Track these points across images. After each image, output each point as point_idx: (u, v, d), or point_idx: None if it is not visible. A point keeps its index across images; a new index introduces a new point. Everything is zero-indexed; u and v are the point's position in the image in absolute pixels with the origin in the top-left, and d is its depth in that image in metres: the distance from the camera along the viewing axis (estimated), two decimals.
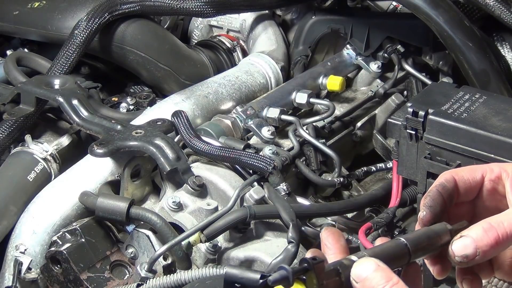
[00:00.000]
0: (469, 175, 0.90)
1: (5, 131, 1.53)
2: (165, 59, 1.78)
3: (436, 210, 0.86)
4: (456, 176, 0.90)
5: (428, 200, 0.87)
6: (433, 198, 0.87)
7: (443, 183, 0.88)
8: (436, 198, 0.87)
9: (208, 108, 1.62)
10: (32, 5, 1.83)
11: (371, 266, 0.78)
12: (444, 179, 0.89)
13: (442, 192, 0.88)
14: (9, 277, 1.34)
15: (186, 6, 1.74)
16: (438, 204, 0.87)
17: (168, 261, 1.23)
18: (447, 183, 0.88)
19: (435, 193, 0.88)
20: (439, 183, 0.89)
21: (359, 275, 0.78)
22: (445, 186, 0.88)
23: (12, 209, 1.42)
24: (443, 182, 0.89)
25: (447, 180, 0.89)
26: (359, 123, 1.76)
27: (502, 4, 1.61)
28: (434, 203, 0.87)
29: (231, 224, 1.24)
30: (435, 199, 0.87)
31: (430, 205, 0.87)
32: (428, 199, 0.87)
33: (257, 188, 1.32)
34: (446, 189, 0.88)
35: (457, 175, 0.90)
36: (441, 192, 0.88)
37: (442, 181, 0.89)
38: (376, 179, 1.70)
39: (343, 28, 1.86)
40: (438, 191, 0.88)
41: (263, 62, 1.81)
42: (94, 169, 1.41)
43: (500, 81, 1.58)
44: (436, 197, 0.87)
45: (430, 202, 0.87)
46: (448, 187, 0.88)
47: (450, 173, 0.90)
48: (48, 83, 1.54)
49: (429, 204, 0.87)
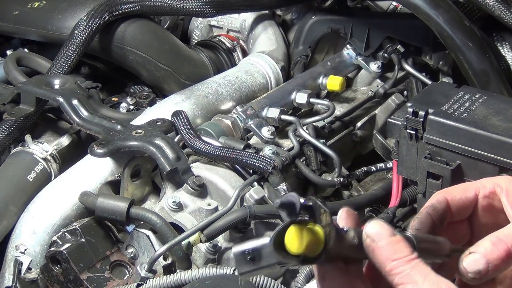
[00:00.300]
0: (461, 194, 0.88)
1: (5, 131, 1.53)
2: (165, 59, 1.78)
3: (424, 233, 0.84)
4: (448, 196, 0.87)
5: (416, 223, 0.85)
6: (422, 221, 0.85)
7: (434, 205, 0.86)
8: (425, 220, 0.85)
9: (208, 108, 1.62)
10: (32, 5, 1.83)
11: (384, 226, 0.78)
12: (436, 200, 0.87)
13: (432, 214, 0.85)
14: (9, 277, 1.34)
15: (186, 6, 1.74)
16: (427, 226, 0.85)
17: (168, 261, 1.23)
18: (438, 204, 0.86)
19: (424, 215, 0.85)
20: (429, 205, 0.87)
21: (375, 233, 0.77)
22: (435, 208, 0.86)
23: (12, 209, 1.42)
24: (434, 203, 0.86)
25: (439, 201, 0.87)
26: (359, 123, 1.76)
27: (502, 4, 1.61)
28: (422, 226, 0.84)
29: (231, 224, 1.24)
30: (423, 221, 0.85)
31: (417, 228, 0.84)
32: (417, 221, 0.85)
33: (257, 188, 1.32)
34: (436, 211, 0.86)
35: (449, 195, 0.87)
36: (430, 214, 0.85)
37: (434, 202, 0.87)
38: (376, 179, 1.69)
39: (343, 28, 1.86)
40: (428, 213, 0.86)
41: (263, 62, 1.81)
42: (94, 169, 1.41)
43: (500, 81, 1.58)
44: (425, 219, 0.85)
45: (418, 225, 0.84)
46: (438, 208, 0.86)
47: (442, 193, 0.88)
48: (48, 83, 1.54)
49: (416, 227, 0.84)
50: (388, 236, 0.78)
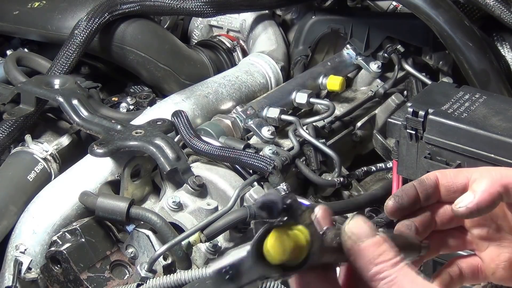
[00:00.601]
0: (453, 176, 0.86)
1: (5, 131, 1.53)
2: (165, 59, 1.78)
3: (402, 201, 0.83)
4: (440, 174, 0.86)
5: (399, 191, 0.84)
6: (404, 189, 0.84)
7: (422, 179, 0.85)
8: (407, 190, 0.84)
9: (208, 108, 1.62)
10: (32, 5, 1.83)
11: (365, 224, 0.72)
12: (425, 176, 0.86)
13: (417, 187, 0.84)
14: (9, 277, 1.34)
15: (186, 6, 1.74)
16: (407, 195, 0.83)
17: (168, 261, 1.24)
18: (426, 179, 0.85)
19: (408, 185, 0.85)
20: (418, 178, 0.86)
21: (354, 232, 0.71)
22: (422, 181, 0.85)
23: (12, 209, 1.42)
24: (422, 178, 0.85)
25: (428, 177, 0.85)
26: (359, 123, 1.76)
27: (502, 4, 1.61)
28: (402, 193, 0.83)
29: (231, 224, 1.24)
30: (406, 190, 0.83)
31: (397, 194, 0.83)
32: (399, 189, 0.84)
33: (257, 188, 1.32)
34: (422, 185, 0.84)
35: (441, 174, 0.86)
36: (415, 186, 0.84)
37: (423, 177, 0.86)
38: (376, 179, 1.69)
39: (343, 28, 1.86)
40: (413, 184, 0.84)
41: (263, 62, 1.81)
42: (94, 169, 1.41)
43: (500, 81, 1.58)
44: (408, 189, 0.84)
45: (399, 192, 0.83)
46: (425, 183, 0.85)
47: (433, 172, 0.87)
48: (48, 83, 1.54)
49: (397, 193, 0.83)
50: (371, 236, 0.70)
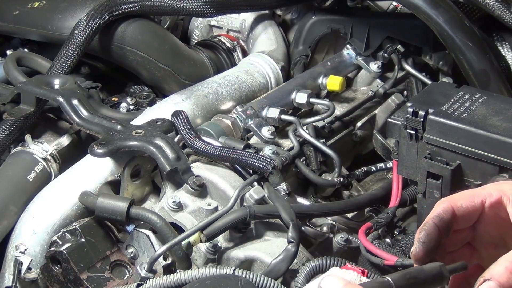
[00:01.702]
0: (468, 203, 0.86)
1: (5, 131, 1.53)
2: (165, 59, 1.78)
3: (430, 246, 0.83)
4: (455, 205, 0.86)
5: (423, 235, 0.83)
6: (428, 233, 0.83)
7: (441, 215, 0.84)
8: (432, 232, 0.83)
9: (208, 108, 1.62)
10: (32, 5, 1.83)
11: (339, 282, 0.76)
12: (442, 209, 0.85)
13: (439, 225, 0.84)
14: (9, 277, 1.34)
15: (186, 6, 1.74)
16: (433, 239, 0.83)
17: (168, 261, 1.23)
18: (444, 214, 0.84)
19: (431, 226, 0.83)
20: (436, 215, 0.84)
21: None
22: (442, 218, 0.84)
23: (12, 209, 1.42)
24: (440, 213, 0.84)
25: (445, 211, 0.85)
26: (359, 123, 1.76)
27: (502, 4, 1.61)
28: (428, 238, 0.83)
29: (231, 224, 1.24)
30: (430, 233, 0.83)
31: (423, 240, 0.83)
32: (423, 233, 0.83)
33: (257, 188, 1.32)
34: (443, 222, 0.84)
35: (456, 205, 0.86)
36: (437, 225, 0.84)
37: (440, 211, 0.85)
38: (376, 179, 1.70)
39: (343, 28, 1.86)
40: (435, 224, 0.84)
41: (263, 62, 1.81)
42: (94, 169, 1.41)
43: (500, 81, 1.58)
44: (432, 231, 0.83)
45: (424, 238, 0.83)
46: (445, 218, 0.84)
47: (448, 202, 0.86)
48: (48, 83, 1.54)
49: (423, 239, 0.83)
50: (343, 285, 0.76)
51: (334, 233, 1.38)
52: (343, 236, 1.36)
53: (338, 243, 1.36)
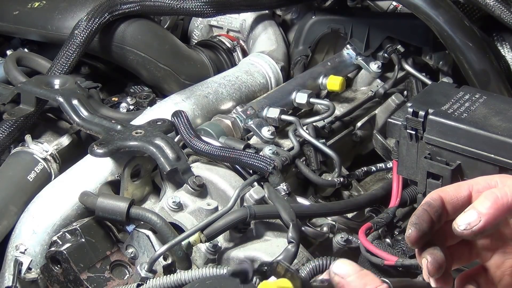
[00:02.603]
0: (455, 192, 0.89)
1: (5, 131, 1.53)
2: (165, 59, 1.78)
3: (422, 227, 0.85)
4: (442, 193, 0.89)
5: (414, 219, 0.86)
6: (418, 216, 0.86)
7: (429, 201, 0.87)
8: (422, 215, 0.86)
9: (208, 108, 1.62)
10: (32, 5, 1.82)
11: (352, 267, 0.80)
12: (430, 198, 0.88)
13: (428, 210, 0.86)
14: (9, 277, 1.34)
15: (186, 6, 1.74)
16: (424, 221, 0.86)
17: (168, 261, 1.23)
18: (433, 201, 0.87)
19: (420, 211, 0.87)
20: (424, 202, 0.88)
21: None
22: (431, 204, 0.87)
23: (12, 209, 1.42)
24: (429, 200, 0.88)
25: (433, 199, 0.88)
26: (359, 123, 1.76)
27: (502, 4, 1.61)
28: (419, 220, 0.86)
29: (231, 224, 1.24)
30: (421, 216, 0.86)
31: (415, 222, 0.85)
32: (414, 217, 0.86)
33: (257, 188, 1.32)
34: (432, 207, 0.87)
35: (443, 192, 0.89)
36: (427, 209, 0.86)
37: (428, 199, 0.88)
38: (376, 179, 1.70)
39: (343, 28, 1.86)
40: (424, 209, 0.87)
41: (263, 62, 1.81)
42: (94, 169, 1.41)
43: (500, 81, 1.58)
44: (422, 214, 0.86)
45: (415, 220, 0.86)
46: (434, 204, 0.87)
47: (436, 192, 0.89)
48: (48, 83, 1.54)
49: (414, 221, 0.86)
50: (356, 271, 0.80)
51: (334, 233, 1.38)
52: (343, 236, 1.36)
53: (338, 243, 1.36)
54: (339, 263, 0.82)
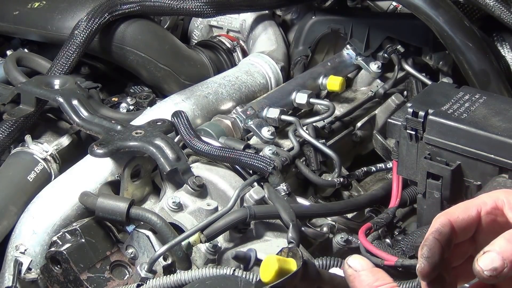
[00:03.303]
0: (464, 215, 0.86)
1: (5, 131, 1.53)
2: (165, 59, 1.78)
3: (434, 260, 0.83)
4: (451, 218, 0.86)
5: (425, 251, 0.83)
6: (430, 248, 0.83)
7: (439, 229, 0.84)
8: (434, 247, 0.83)
9: (208, 108, 1.62)
10: (32, 5, 1.82)
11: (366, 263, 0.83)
12: (440, 223, 0.85)
13: (439, 239, 0.83)
14: (9, 277, 1.34)
15: (186, 6, 1.74)
16: (436, 253, 0.83)
17: (168, 262, 1.23)
18: (443, 227, 0.84)
19: (432, 241, 0.83)
20: (435, 229, 0.85)
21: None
22: (441, 232, 0.84)
23: (12, 209, 1.42)
24: (439, 227, 0.84)
25: (443, 225, 0.85)
26: (359, 123, 1.76)
27: (502, 4, 1.61)
28: (431, 253, 0.83)
29: (231, 225, 1.24)
30: (432, 248, 0.83)
31: (427, 256, 0.82)
32: (425, 249, 0.83)
33: (257, 188, 1.32)
34: (443, 235, 0.84)
35: (452, 217, 0.86)
36: (438, 239, 0.83)
37: (438, 226, 0.85)
38: (376, 179, 1.70)
39: (343, 28, 1.86)
40: (435, 238, 0.83)
41: (263, 62, 1.81)
42: (94, 169, 1.41)
43: (500, 81, 1.58)
44: (434, 245, 0.83)
45: (427, 253, 0.83)
46: (444, 232, 0.84)
47: (444, 216, 0.86)
48: (48, 83, 1.54)
49: (426, 255, 0.82)
50: (370, 267, 0.83)
51: (334, 234, 1.38)
52: (343, 236, 1.36)
53: (338, 244, 1.36)
54: (354, 256, 0.84)
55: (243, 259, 0.78)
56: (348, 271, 0.83)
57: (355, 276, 0.83)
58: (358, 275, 0.83)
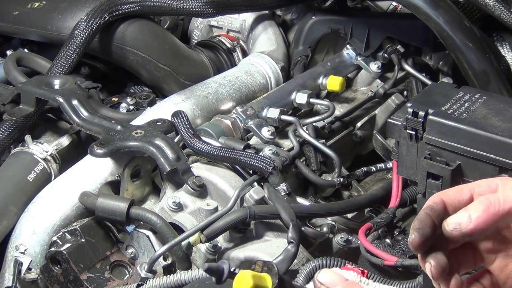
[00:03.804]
0: (457, 195, 0.89)
1: (5, 131, 1.53)
2: (165, 59, 1.78)
3: (425, 232, 0.85)
4: (444, 196, 0.88)
5: (417, 223, 0.85)
6: (421, 220, 0.85)
7: (431, 205, 0.87)
8: (424, 220, 0.85)
9: (208, 108, 1.62)
10: (32, 5, 1.83)
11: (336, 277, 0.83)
12: (432, 201, 0.88)
13: (431, 214, 0.86)
14: (9, 277, 1.34)
15: (186, 6, 1.74)
16: (427, 225, 0.85)
17: (168, 262, 1.23)
18: (435, 205, 0.87)
19: (423, 215, 0.86)
20: (426, 206, 0.87)
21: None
22: (433, 208, 0.86)
23: (12, 209, 1.42)
24: (431, 204, 0.87)
25: (435, 202, 0.87)
26: (359, 123, 1.76)
27: (502, 4, 1.61)
28: (422, 225, 0.85)
29: (231, 225, 1.24)
30: (423, 220, 0.85)
31: (418, 227, 0.85)
32: (417, 222, 0.85)
33: (257, 189, 1.32)
34: (434, 211, 0.86)
35: (445, 196, 0.88)
36: (429, 214, 0.86)
37: (430, 203, 0.87)
38: (376, 179, 1.70)
39: (343, 28, 1.86)
40: (426, 213, 0.86)
41: (263, 62, 1.81)
42: (94, 169, 1.41)
43: (500, 81, 1.58)
44: (424, 219, 0.85)
45: (418, 225, 0.85)
46: (436, 208, 0.87)
47: (437, 195, 0.89)
48: (48, 83, 1.54)
49: (417, 226, 0.85)
50: (342, 281, 0.82)
51: (334, 234, 1.38)
52: (343, 236, 1.36)
53: (338, 244, 1.36)
54: (324, 272, 0.83)
55: (215, 272, 0.76)
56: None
57: None
58: None
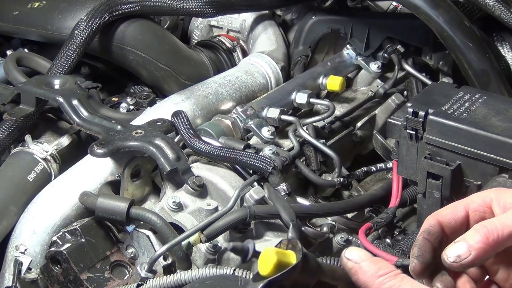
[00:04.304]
0: (452, 214, 0.88)
1: (5, 131, 1.53)
2: (165, 59, 1.78)
3: (425, 258, 0.85)
4: (440, 217, 0.88)
5: (416, 250, 0.85)
6: (420, 247, 0.85)
7: (428, 229, 0.87)
8: (423, 245, 0.85)
9: (208, 108, 1.62)
10: (32, 5, 1.83)
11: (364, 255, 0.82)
12: (428, 224, 0.87)
13: (429, 238, 0.86)
14: (9, 277, 1.34)
15: (186, 6, 1.74)
16: (426, 251, 0.85)
17: (168, 261, 1.23)
18: (431, 228, 0.87)
19: (421, 241, 0.86)
20: (423, 230, 0.87)
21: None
22: (430, 232, 0.86)
23: (12, 209, 1.42)
24: (427, 228, 0.87)
25: (431, 225, 0.87)
26: (359, 123, 1.76)
27: (502, 4, 1.61)
28: (421, 251, 0.85)
29: (231, 224, 1.24)
30: (422, 247, 0.85)
31: (418, 254, 0.84)
32: (416, 249, 0.85)
33: (257, 188, 1.32)
34: (431, 234, 0.86)
35: (440, 217, 0.88)
36: (427, 238, 0.86)
37: (426, 227, 0.87)
38: (376, 179, 1.70)
39: (343, 28, 1.86)
40: (424, 238, 0.86)
41: (263, 62, 1.81)
42: (94, 169, 1.41)
43: (500, 81, 1.58)
44: (423, 244, 0.85)
45: (418, 252, 0.85)
46: (433, 231, 0.86)
47: (432, 216, 0.88)
48: (48, 83, 1.54)
49: (416, 253, 0.85)
50: (369, 257, 0.81)
51: (334, 234, 1.38)
52: (343, 236, 1.36)
53: (338, 244, 1.36)
54: (351, 249, 0.82)
55: (240, 251, 0.76)
56: (348, 264, 0.82)
57: (356, 269, 0.81)
58: (360, 267, 0.81)
